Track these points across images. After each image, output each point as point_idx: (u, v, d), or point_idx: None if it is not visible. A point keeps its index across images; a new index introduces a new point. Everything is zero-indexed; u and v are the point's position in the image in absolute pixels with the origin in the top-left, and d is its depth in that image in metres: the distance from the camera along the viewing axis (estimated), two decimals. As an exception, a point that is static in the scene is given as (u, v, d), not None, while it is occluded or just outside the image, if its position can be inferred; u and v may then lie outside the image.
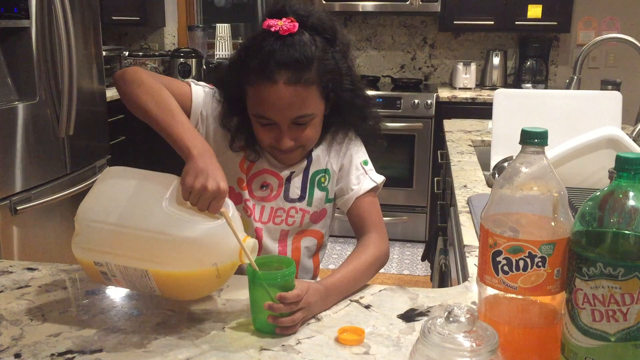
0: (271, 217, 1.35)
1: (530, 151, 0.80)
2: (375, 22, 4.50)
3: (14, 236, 2.55)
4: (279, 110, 1.19)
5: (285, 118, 1.20)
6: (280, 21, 1.19)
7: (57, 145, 2.81)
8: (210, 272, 0.97)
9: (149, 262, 0.96)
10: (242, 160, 1.34)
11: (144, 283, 0.99)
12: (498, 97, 1.94)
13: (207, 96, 1.32)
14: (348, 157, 1.35)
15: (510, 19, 4.03)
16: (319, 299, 1.02)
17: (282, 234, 1.36)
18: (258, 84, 1.19)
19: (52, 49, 2.73)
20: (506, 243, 0.78)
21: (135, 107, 1.19)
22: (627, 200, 0.73)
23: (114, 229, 0.99)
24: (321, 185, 1.36)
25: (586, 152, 1.53)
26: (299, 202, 1.35)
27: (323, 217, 1.39)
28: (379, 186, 1.36)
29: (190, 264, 0.96)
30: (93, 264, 1.01)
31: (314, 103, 1.21)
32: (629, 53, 3.76)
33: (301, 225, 1.37)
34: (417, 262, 3.74)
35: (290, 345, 0.92)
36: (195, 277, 0.98)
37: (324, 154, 1.36)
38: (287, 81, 1.16)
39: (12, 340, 0.94)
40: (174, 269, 0.96)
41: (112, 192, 1.04)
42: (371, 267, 1.19)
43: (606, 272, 0.72)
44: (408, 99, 3.87)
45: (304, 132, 1.24)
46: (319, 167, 1.35)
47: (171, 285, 0.99)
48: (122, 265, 0.98)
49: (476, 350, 0.67)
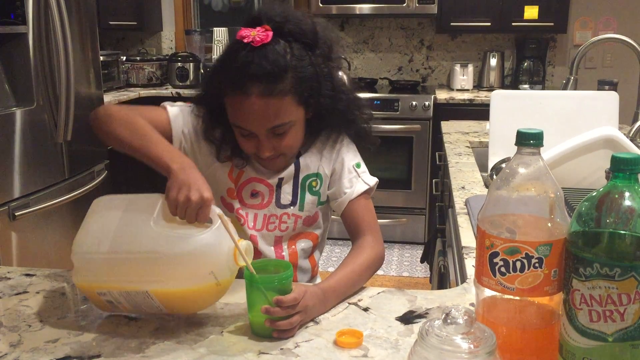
0: (264, 224, 1.35)
1: (526, 152, 0.80)
2: (372, 24, 4.51)
3: (12, 242, 2.55)
4: (254, 122, 1.20)
5: (261, 129, 1.21)
6: (254, 31, 1.18)
7: (55, 151, 2.81)
8: (209, 281, 0.97)
9: (147, 283, 0.97)
10: (230, 170, 1.35)
11: (148, 304, 0.99)
12: (495, 98, 1.94)
13: (185, 114, 1.33)
14: (340, 160, 1.35)
15: (507, 20, 4.03)
16: (317, 302, 1.02)
17: (276, 239, 1.37)
18: (233, 96, 1.20)
19: (50, 54, 2.73)
20: (503, 244, 0.78)
21: (111, 139, 1.22)
22: (623, 200, 0.73)
23: (108, 257, 1.00)
24: (312, 190, 1.36)
25: (583, 153, 1.53)
26: (291, 207, 1.35)
27: (316, 220, 1.39)
28: (372, 188, 1.36)
29: (187, 277, 0.96)
30: (97, 295, 1.02)
31: (289, 112, 1.21)
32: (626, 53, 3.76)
33: (294, 230, 1.37)
34: (417, 264, 3.74)
35: (289, 349, 0.92)
36: (195, 289, 0.98)
37: (315, 158, 1.36)
38: (260, 94, 1.16)
39: (11, 347, 0.94)
40: (172, 286, 0.97)
41: (101, 223, 1.04)
42: (368, 270, 1.19)
43: (603, 273, 0.72)
44: (406, 100, 3.88)
45: (283, 140, 1.24)
46: (309, 172, 1.35)
47: (174, 301, 0.99)
48: (124, 291, 0.99)
49: (474, 352, 0.67)
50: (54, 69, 2.74)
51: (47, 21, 2.68)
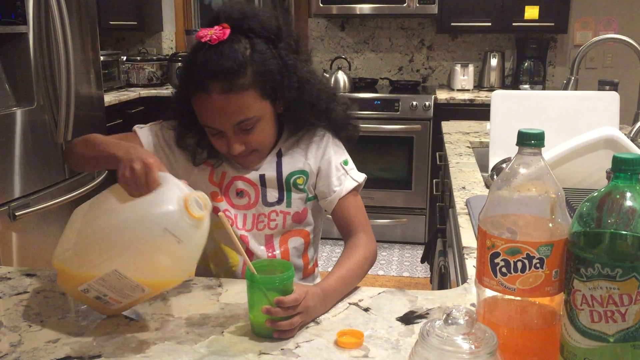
0: (254, 223, 1.36)
1: (527, 152, 0.80)
2: (373, 24, 4.51)
3: (12, 242, 2.55)
4: (218, 119, 1.22)
5: (226, 126, 1.22)
6: (211, 30, 1.19)
7: (56, 151, 2.81)
8: (168, 240, 0.94)
9: (110, 260, 0.96)
10: (210, 175, 1.36)
11: (128, 286, 0.98)
12: (496, 99, 1.94)
13: (155, 131, 1.35)
14: (327, 159, 1.36)
15: (508, 20, 4.03)
16: (318, 303, 1.02)
17: (267, 238, 1.37)
18: (196, 96, 1.22)
19: (50, 54, 2.73)
20: (504, 245, 0.78)
21: (75, 162, 1.28)
22: (625, 200, 0.73)
23: (75, 248, 1.01)
24: (298, 186, 1.37)
25: (584, 153, 1.53)
26: (278, 205, 1.36)
27: (305, 217, 1.40)
28: (361, 184, 1.36)
29: (142, 241, 0.95)
30: (82, 294, 1.01)
31: (253, 107, 1.22)
32: (627, 53, 3.76)
33: (284, 227, 1.38)
34: (417, 264, 3.74)
35: (290, 349, 0.92)
36: (155, 251, 0.96)
37: (299, 155, 1.36)
38: (220, 91, 1.18)
39: (11, 347, 0.94)
40: (133, 255, 0.96)
41: (73, 227, 1.05)
42: (363, 267, 1.21)
43: (604, 273, 0.71)
44: (406, 101, 3.88)
45: (251, 136, 1.25)
46: (293, 169, 1.36)
47: (144, 272, 0.97)
48: (99, 278, 0.97)
49: (475, 352, 0.67)
50: (54, 68, 2.74)
51: (47, 21, 2.68)
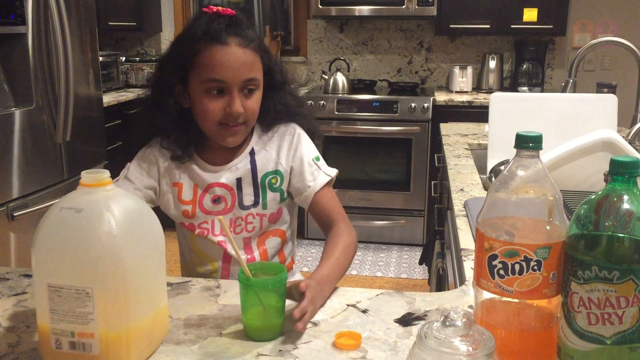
0: (231, 227, 1.38)
1: (525, 155, 0.80)
2: (372, 26, 4.51)
3: (10, 242, 2.55)
4: (233, 70, 1.26)
5: (237, 78, 1.27)
6: (216, 8, 1.30)
7: (54, 151, 2.81)
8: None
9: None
10: (179, 193, 1.38)
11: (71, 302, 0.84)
12: (494, 101, 1.94)
13: (138, 163, 1.38)
14: (298, 156, 1.39)
15: (506, 22, 4.04)
16: (317, 293, 1.04)
17: (245, 241, 1.40)
18: (209, 49, 1.26)
19: (49, 54, 2.73)
20: (502, 247, 0.79)
21: None
22: (622, 203, 0.73)
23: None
24: (273, 187, 1.39)
25: (582, 155, 1.53)
26: (254, 207, 1.38)
27: (280, 216, 1.42)
28: (333, 178, 1.41)
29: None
30: (55, 339, 0.86)
31: (258, 70, 1.31)
32: (625, 56, 3.78)
33: (261, 229, 1.40)
34: (415, 266, 3.74)
35: (287, 351, 0.92)
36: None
37: (271, 156, 1.39)
38: (238, 44, 1.26)
39: (9, 347, 0.94)
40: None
41: None
42: (349, 256, 1.25)
43: (601, 276, 0.72)
44: (405, 102, 3.88)
45: (250, 101, 1.30)
46: (267, 170, 1.39)
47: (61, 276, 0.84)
48: (50, 310, 0.85)
49: (473, 354, 0.67)
50: (53, 69, 2.74)
51: (46, 21, 2.68)
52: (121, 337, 0.85)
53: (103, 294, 0.83)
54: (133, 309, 0.86)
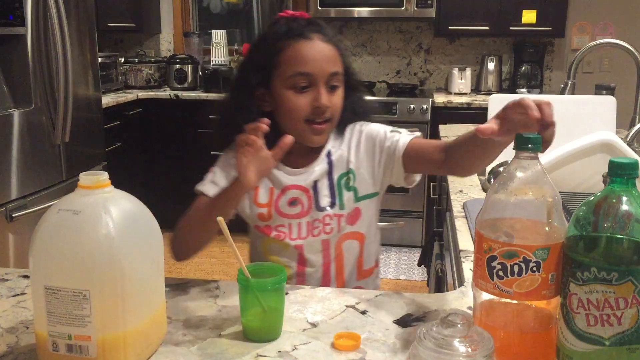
0: (309, 230, 1.35)
1: (524, 156, 0.80)
2: (371, 27, 4.52)
3: (9, 243, 2.54)
4: (319, 64, 1.27)
5: (323, 71, 1.27)
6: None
7: (53, 152, 2.81)
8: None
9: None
10: (255, 194, 1.36)
11: (68, 304, 0.84)
12: (493, 102, 1.94)
13: (222, 167, 1.36)
14: (370, 141, 1.38)
15: (505, 24, 4.04)
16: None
17: (323, 244, 1.36)
18: (293, 44, 1.27)
19: (48, 56, 2.73)
20: (501, 248, 0.79)
21: (190, 243, 1.29)
22: (621, 205, 0.73)
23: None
24: (348, 185, 1.36)
25: (581, 157, 1.53)
26: (331, 208, 1.35)
27: (358, 217, 1.38)
28: (420, 135, 1.41)
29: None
30: (52, 341, 0.85)
31: (341, 67, 1.32)
32: (623, 58, 3.77)
33: (339, 231, 1.36)
34: (414, 267, 3.74)
35: (287, 352, 0.92)
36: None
37: (343, 156, 1.37)
38: (322, 39, 1.29)
39: (8, 348, 0.94)
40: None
41: None
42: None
43: (600, 277, 0.72)
44: (404, 104, 3.88)
45: (335, 97, 1.30)
46: (342, 170, 1.37)
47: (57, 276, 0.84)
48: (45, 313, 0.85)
49: (472, 355, 0.67)
50: (52, 70, 2.74)
51: (45, 23, 2.68)
52: (119, 340, 0.84)
53: (100, 297, 0.82)
54: (130, 311, 0.85)
